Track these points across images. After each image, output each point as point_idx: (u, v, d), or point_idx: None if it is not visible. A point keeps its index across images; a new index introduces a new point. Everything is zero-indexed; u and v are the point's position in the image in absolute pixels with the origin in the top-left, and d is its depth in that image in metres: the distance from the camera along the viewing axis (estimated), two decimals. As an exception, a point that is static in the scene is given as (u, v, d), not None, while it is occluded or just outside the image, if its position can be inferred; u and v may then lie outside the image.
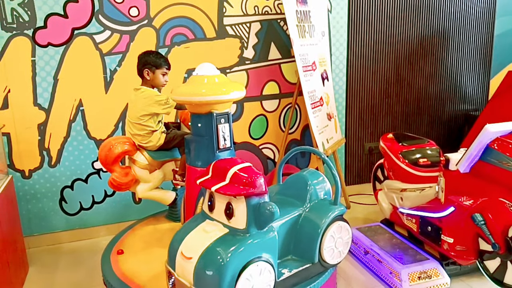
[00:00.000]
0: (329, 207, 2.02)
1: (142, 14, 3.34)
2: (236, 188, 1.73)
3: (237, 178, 1.76)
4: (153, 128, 2.56)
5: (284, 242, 1.96)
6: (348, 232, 2.08)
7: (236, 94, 2.18)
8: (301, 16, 3.43)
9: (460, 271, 2.76)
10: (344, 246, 2.09)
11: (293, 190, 2.10)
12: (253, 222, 1.76)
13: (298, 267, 1.95)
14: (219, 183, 1.78)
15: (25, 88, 3.19)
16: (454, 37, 4.43)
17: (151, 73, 2.58)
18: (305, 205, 2.04)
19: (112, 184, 2.60)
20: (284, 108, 3.92)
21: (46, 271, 3.05)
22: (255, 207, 1.75)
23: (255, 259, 1.73)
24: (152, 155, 2.59)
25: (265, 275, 1.76)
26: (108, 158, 2.53)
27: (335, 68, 4.04)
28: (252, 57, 3.71)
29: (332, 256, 2.04)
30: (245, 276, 1.69)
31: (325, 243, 1.97)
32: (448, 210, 2.57)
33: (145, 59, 2.60)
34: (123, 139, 2.61)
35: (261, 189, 1.75)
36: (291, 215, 1.98)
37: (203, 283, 1.70)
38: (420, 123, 4.51)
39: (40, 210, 3.38)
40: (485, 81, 4.70)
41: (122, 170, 2.60)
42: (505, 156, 2.27)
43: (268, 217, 1.74)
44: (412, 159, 2.93)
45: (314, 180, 2.11)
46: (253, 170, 1.80)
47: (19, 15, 3.09)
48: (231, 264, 1.67)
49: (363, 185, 4.34)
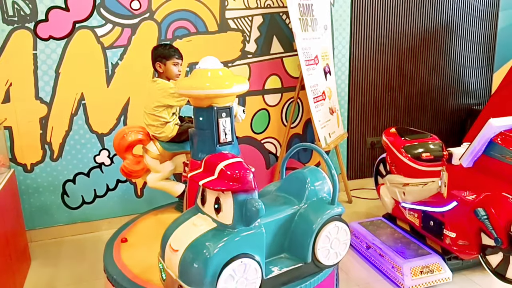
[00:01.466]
0: (326, 206, 1.96)
1: (144, 7, 3.32)
2: (223, 183, 1.72)
3: (225, 173, 1.74)
4: (167, 119, 2.59)
5: (276, 239, 1.93)
6: (346, 234, 2.01)
7: (237, 88, 2.16)
8: (303, 10, 3.41)
9: (462, 265, 2.76)
10: (341, 247, 2.02)
11: (292, 188, 2.06)
12: (240, 218, 1.74)
13: (289, 266, 1.91)
14: (208, 177, 1.77)
15: (26, 81, 3.18)
16: (457, 30, 4.40)
17: (162, 65, 2.61)
18: (302, 203, 1.99)
19: (124, 171, 2.67)
20: (286, 102, 3.91)
21: (49, 264, 3.06)
22: (242, 203, 1.74)
23: (240, 255, 1.72)
24: (164, 146, 2.63)
25: (250, 272, 1.74)
26: (121, 145, 2.60)
27: (337, 62, 4.02)
28: (254, 51, 3.69)
29: (327, 257, 1.98)
30: (228, 271, 1.68)
31: (319, 243, 1.92)
32: (451, 205, 2.57)
33: (155, 53, 2.63)
34: (137, 128, 2.66)
35: (249, 186, 1.73)
36: (284, 212, 1.94)
37: (186, 276, 1.71)
38: (422, 117, 4.49)
39: (42, 204, 3.39)
40: (488, 75, 4.68)
41: (134, 158, 2.66)
42: (509, 150, 2.26)
43: (254, 214, 1.72)
44: (414, 154, 2.92)
45: (313, 178, 2.04)
46: (242, 166, 1.78)
47: (20, 8, 3.08)
48: (214, 258, 1.67)
49: (365, 180, 4.33)
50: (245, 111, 2.67)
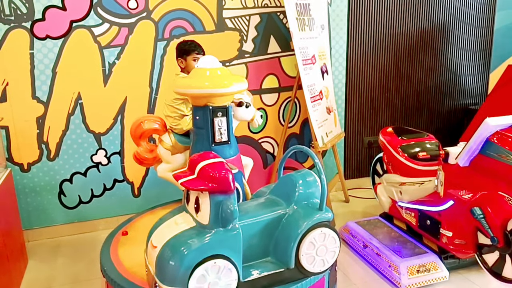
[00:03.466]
0: (313, 211, 1.91)
1: (141, 6, 3.32)
2: (200, 183, 1.73)
3: (204, 173, 1.75)
4: (184, 112, 2.64)
5: (260, 242, 1.90)
6: (334, 241, 1.94)
7: (234, 87, 2.15)
8: (300, 9, 3.42)
9: (458, 264, 2.77)
10: (329, 255, 1.95)
11: (283, 190, 2.02)
12: (216, 219, 1.74)
13: (270, 270, 1.87)
14: (188, 176, 1.78)
15: (23, 81, 3.18)
16: (454, 30, 4.41)
17: (183, 60, 2.69)
18: (290, 206, 1.94)
19: (135, 157, 2.75)
20: (283, 102, 3.92)
21: (45, 264, 3.05)
22: (219, 204, 1.73)
23: (214, 256, 1.71)
24: (177, 138, 2.66)
25: (225, 274, 1.74)
26: (136, 132, 2.69)
27: (334, 62, 4.02)
28: (251, 50, 3.69)
29: (313, 264, 1.92)
30: (200, 271, 1.68)
31: (303, 249, 1.87)
32: (447, 204, 2.58)
33: (177, 49, 2.73)
34: (154, 118, 2.74)
35: (226, 186, 1.72)
36: (267, 215, 1.90)
37: (160, 273, 1.73)
38: (419, 117, 4.51)
39: (39, 204, 3.38)
40: (485, 74, 4.69)
41: (147, 147, 2.74)
42: (505, 149, 2.27)
43: (229, 215, 1.72)
44: (411, 153, 2.93)
45: (304, 182, 1.98)
46: (222, 166, 1.77)
47: (17, 7, 3.07)
48: (186, 257, 1.67)
49: (362, 179, 4.34)
50: (262, 116, 2.70)
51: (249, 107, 2.60)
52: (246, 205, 2.04)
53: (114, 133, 3.44)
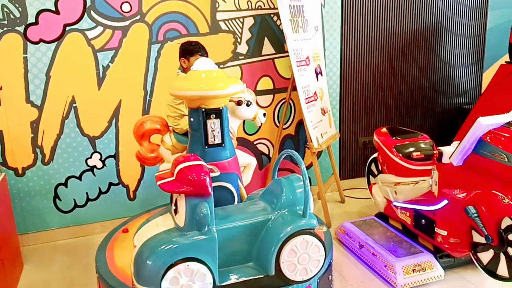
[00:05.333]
0: (295, 218, 1.87)
1: (135, 9, 3.32)
2: (176, 185, 1.73)
3: (181, 175, 1.76)
4: (184, 112, 2.66)
5: (241, 247, 1.89)
6: (318, 250, 1.89)
7: (226, 90, 2.13)
8: (294, 11, 3.43)
9: (454, 263, 2.78)
10: (313, 264, 1.91)
11: (271, 196, 2.01)
12: (191, 222, 1.75)
13: (249, 276, 1.85)
14: (168, 178, 1.79)
15: (17, 85, 3.17)
16: (447, 30, 4.44)
17: (186, 61, 2.72)
18: (275, 212, 1.92)
19: (138, 157, 2.81)
20: (278, 103, 3.92)
21: (41, 268, 3.04)
22: (194, 207, 1.74)
23: (188, 259, 1.72)
24: (178, 138, 2.69)
25: (199, 277, 1.74)
26: (138, 132, 2.74)
27: (328, 63, 4.04)
28: (245, 52, 3.70)
29: (295, 272, 1.88)
30: (172, 273, 1.69)
31: (284, 256, 1.84)
32: (442, 203, 2.59)
33: (181, 49, 2.76)
34: (156, 118, 2.78)
35: (202, 190, 1.72)
36: (249, 220, 1.88)
37: (136, 272, 1.76)
38: (413, 117, 4.53)
39: (34, 208, 3.37)
40: (478, 74, 4.72)
41: (149, 146, 2.78)
42: (498, 148, 2.28)
43: (201, 219, 1.73)
44: (405, 153, 2.94)
45: (290, 187, 1.96)
46: (200, 169, 1.76)
47: (9, 12, 3.06)
48: (158, 258, 1.69)
49: (358, 179, 4.35)
50: (265, 115, 2.69)
51: (250, 105, 2.59)
52: (230, 209, 2.04)
53: (109, 136, 3.44)
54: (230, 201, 2.25)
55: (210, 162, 2.18)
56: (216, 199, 2.20)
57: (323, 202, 3.52)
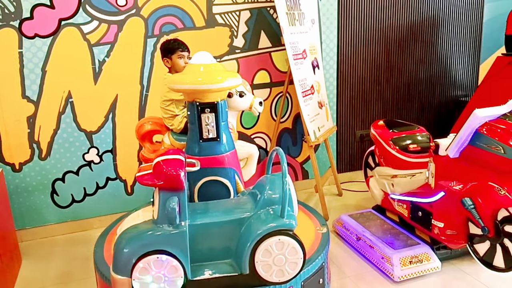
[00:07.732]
0: (272, 218, 1.84)
1: (130, 3, 3.30)
2: (150, 178, 1.76)
3: (157, 169, 1.78)
4: (175, 112, 2.66)
5: (219, 243, 1.89)
6: (296, 252, 1.83)
7: (221, 85, 2.11)
8: (290, 4, 3.41)
9: (451, 255, 2.80)
10: (290, 266, 1.85)
11: (257, 192, 2.00)
12: (163, 215, 1.77)
13: (223, 272, 1.85)
14: (147, 170, 1.82)
15: (12, 80, 3.15)
16: (444, 22, 4.43)
17: (169, 60, 2.68)
18: (255, 210, 1.90)
19: (141, 157, 2.86)
20: (275, 97, 3.92)
21: (40, 264, 3.04)
22: (165, 201, 1.76)
23: (158, 251, 1.75)
24: (174, 137, 2.70)
25: (169, 270, 1.76)
26: (138, 133, 2.82)
27: (325, 56, 4.03)
28: (242, 46, 3.69)
29: (271, 272, 1.85)
30: (141, 264, 1.73)
31: (259, 256, 1.81)
32: (438, 195, 2.60)
33: (161, 50, 2.72)
34: (156, 120, 2.82)
35: (174, 184, 1.73)
36: (227, 217, 1.88)
37: (113, 260, 1.81)
38: (410, 109, 4.53)
39: (32, 203, 3.36)
40: (475, 66, 4.72)
41: (150, 147, 2.83)
42: (494, 140, 2.29)
43: (169, 213, 1.74)
44: (402, 145, 2.95)
45: (272, 186, 1.94)
46: (176, 164, 1.77)
47: (4, 6, 3.04)
48: (129, 249, 1.74)
49: (355, 172, 4.36)
50: (262, 103, 2.63)
51: (244, 96, 2.56)
52: (212, 204, 2.05)
53: (106, 131, 3.43)
54: (225, 196, 2.25)
55: (205, 156, 2.18)
56: (211, 193, 2.21)
57: (320, 195, 3.53)
